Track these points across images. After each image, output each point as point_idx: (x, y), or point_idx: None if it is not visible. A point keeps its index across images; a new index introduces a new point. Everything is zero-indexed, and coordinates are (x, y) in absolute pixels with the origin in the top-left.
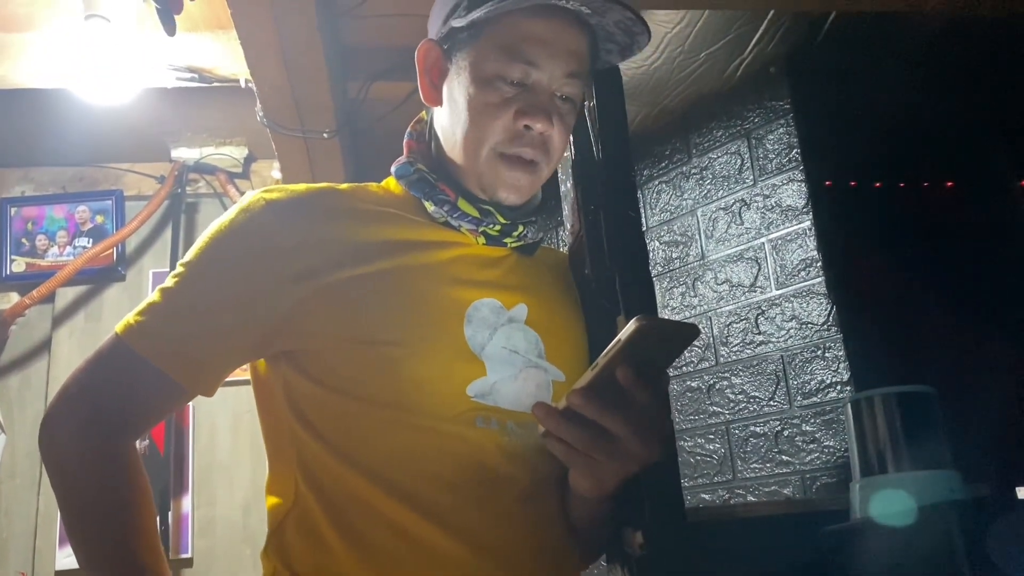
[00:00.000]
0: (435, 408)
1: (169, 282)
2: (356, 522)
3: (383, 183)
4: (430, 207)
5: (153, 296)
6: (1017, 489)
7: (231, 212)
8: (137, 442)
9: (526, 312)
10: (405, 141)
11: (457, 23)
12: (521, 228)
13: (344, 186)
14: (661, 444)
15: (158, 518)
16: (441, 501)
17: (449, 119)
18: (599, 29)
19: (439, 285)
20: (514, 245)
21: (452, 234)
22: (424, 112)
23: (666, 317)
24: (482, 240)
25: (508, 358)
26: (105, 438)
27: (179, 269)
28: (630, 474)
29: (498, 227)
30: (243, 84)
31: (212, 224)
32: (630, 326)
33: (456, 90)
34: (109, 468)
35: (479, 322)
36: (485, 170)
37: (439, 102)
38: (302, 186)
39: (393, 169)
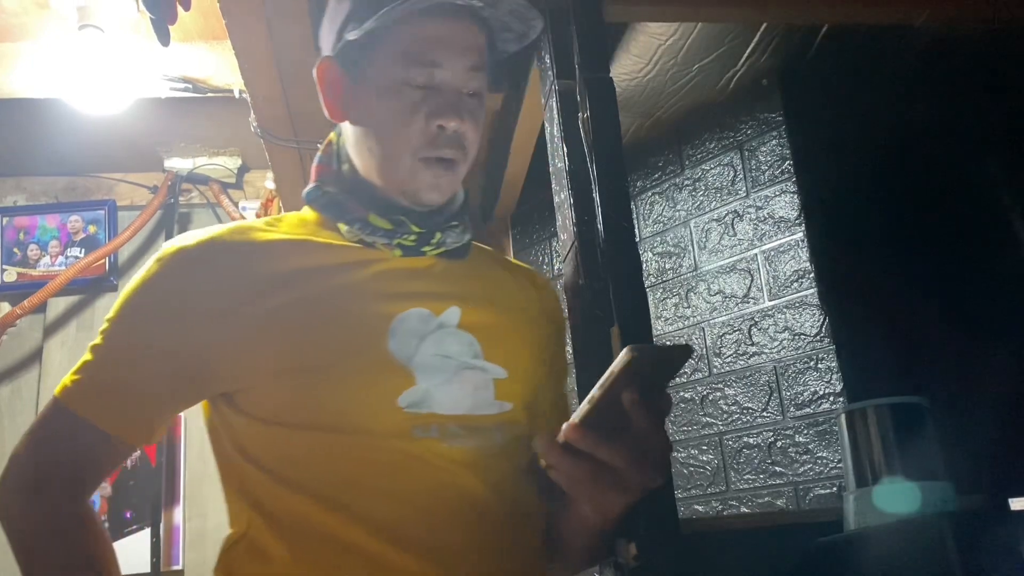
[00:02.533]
0: (369, 425)
1: (98, 339)
2: (305, 541)
3: (301, 210)
4: (343, 227)
5: (86, 354)
6: (1010, 500)
7: (147, 266)
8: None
9: (459, 315)
10: (314, 166)
11: (352, 36)
12: (439, 235)
13: (255, 222)
14: (662, 470)
15: (149, 530)
16: (387, 514)
17: (359, 132)
18: (493, 20)
19: (359, 303)
20: (434, 253)
21: (370, 252)
22: (333, 134)
23: (657, 344)
24: (398, 252)
25: (439, 363)
26: (55, 503)
27: (104, 325)
28: (633, 502)
29: (413, 237)
30: (237, 94)
31: (133, 278)
32: (622, 357)
33: (362, 103)
34: (65, 532)
35: (405, 333)
36: (405, 176)
37: (344, 117)
38: (214, 230)
39: (303, 195)
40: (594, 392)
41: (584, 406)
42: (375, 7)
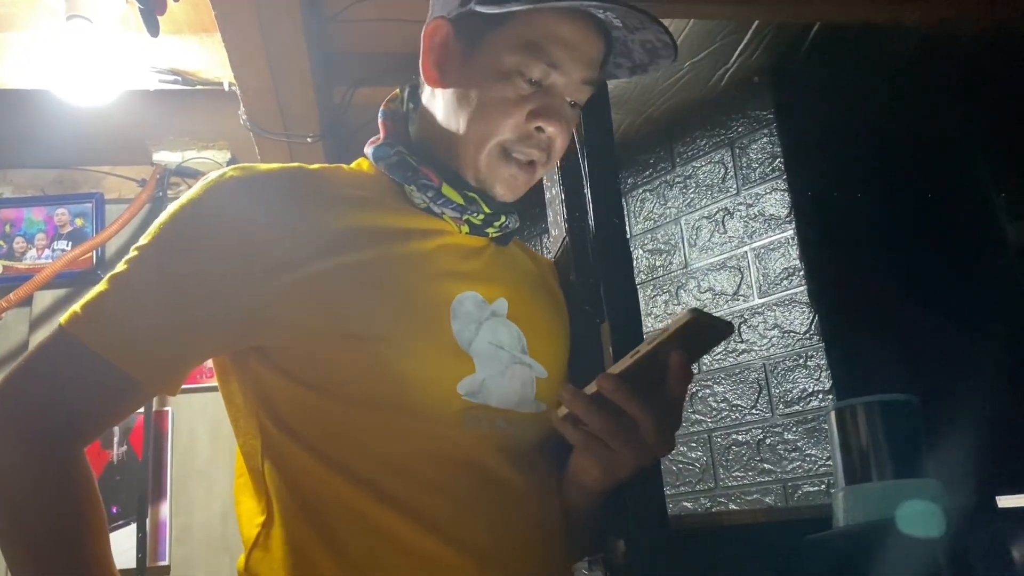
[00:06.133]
0: (427, 408)
1: (121, 267)
2: (344, 533)
3: (355, 164)
4: (411, 192)
5: (101, 285)
6: (997, 498)
7: (195, 190)
8: (114, 447)
9: (507, 306)
10: (380, 121)
11: (485, 9)
12: (503, 218)
13: (315, 167)
14: (673, 439)
15: (135, 526)
16: (436, 507)
17: (453, 104)
18: (618, 43)
19: (424, 277)
20: (495, 235)
21: (434, 221)
22: (398, 89)
23: (710, 313)
24: (465, 229)
25: (495, 354)
26: (50, 444)
27: (133, 253)
28: (644, 465)
29: (482, 215)
30: (226, 87)
31: (173, 203)
32: (682, 316)
33: (468, 77)
34: (56, 481)
35: (464, 317)
36: (485, 164)
37: (441, 83)
38: (274, 165)
39: (369, 151)
40: (641, 347)
41: (626, 359)
42: None
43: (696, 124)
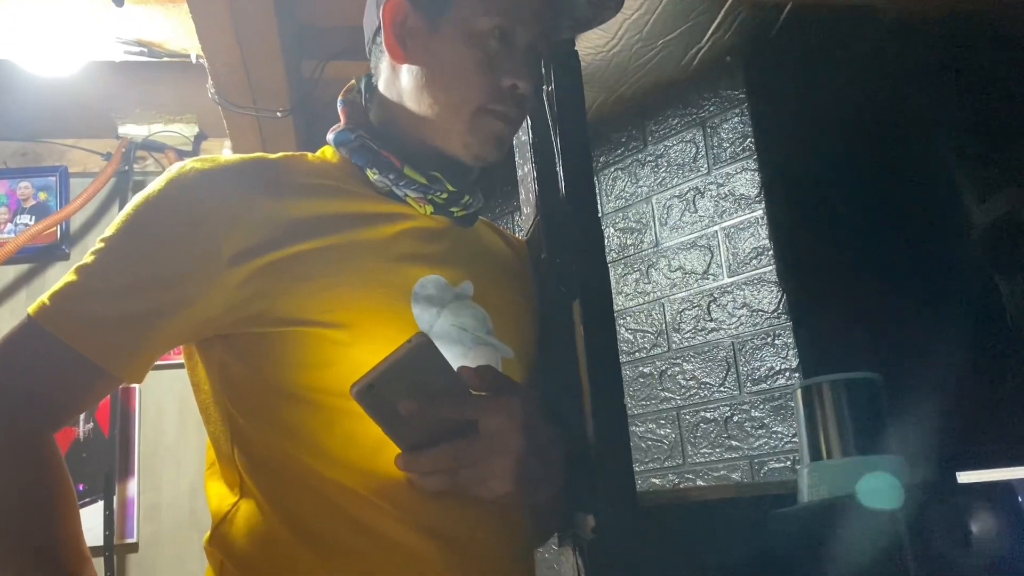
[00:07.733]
0: None
1: (88, 259)
2: (312, 518)
3: (319, 152)
4: (373, 175)
5: (69, 276)
6: (958, 474)
7: (158, 182)
8: (80, 424)
9: (472, 289)
10: (340, 109)
11: None
12: (467, 197)
13: (277, 156)
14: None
15: (102, 503)
16: (400, 493)
17: (422, 78)
18: (562, 3)
19: (385, 262)
20: (460, 214)
21: (395, 205)
22: (354, 80)
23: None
24: (429, 209)
25: (458, 336)
26: (20, 431)
27: (99, 245)
28: (510, 482)
29: (445, 195)
30: (194, 60)
31: (137, 195)
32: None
33: (436, 48)
34: (28, 466)
35: (426, 300)
36: (471, 127)
37: (406, 59)
38: (235, 157)
39: (331, 136)
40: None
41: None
42: None
43: (668, 103)
